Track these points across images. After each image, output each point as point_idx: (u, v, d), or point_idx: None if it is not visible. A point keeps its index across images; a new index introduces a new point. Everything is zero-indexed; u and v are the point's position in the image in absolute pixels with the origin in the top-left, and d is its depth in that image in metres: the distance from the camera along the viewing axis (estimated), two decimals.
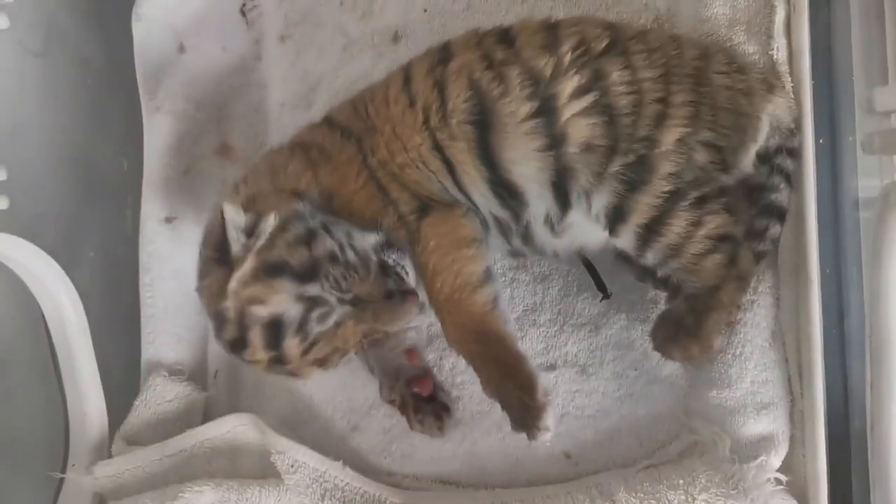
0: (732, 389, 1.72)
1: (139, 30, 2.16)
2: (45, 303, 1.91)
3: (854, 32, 1.71)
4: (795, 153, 1.68)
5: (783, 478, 1.65)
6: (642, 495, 1.65)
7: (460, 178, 1.61)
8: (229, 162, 2.13)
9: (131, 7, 2.15)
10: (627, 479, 1.70)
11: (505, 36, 1.62)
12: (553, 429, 1.52)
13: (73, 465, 1.92)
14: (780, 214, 1.69)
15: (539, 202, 1.62)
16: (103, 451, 1.95)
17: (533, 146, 1.54)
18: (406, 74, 1.65)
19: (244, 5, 2.16)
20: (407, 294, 1.55)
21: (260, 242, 1.49)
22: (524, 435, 1.53)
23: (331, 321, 1.50)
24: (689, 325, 1.64)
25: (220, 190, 1.60)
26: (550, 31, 1.59)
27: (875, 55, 1.65)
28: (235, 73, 2.18)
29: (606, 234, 1.62)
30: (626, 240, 1.60)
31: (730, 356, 1.73)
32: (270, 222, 1.50)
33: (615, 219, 1.58)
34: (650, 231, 1.57)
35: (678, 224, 1.55)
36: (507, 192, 1.62)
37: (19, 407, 1.91)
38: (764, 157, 1.65)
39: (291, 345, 1.49)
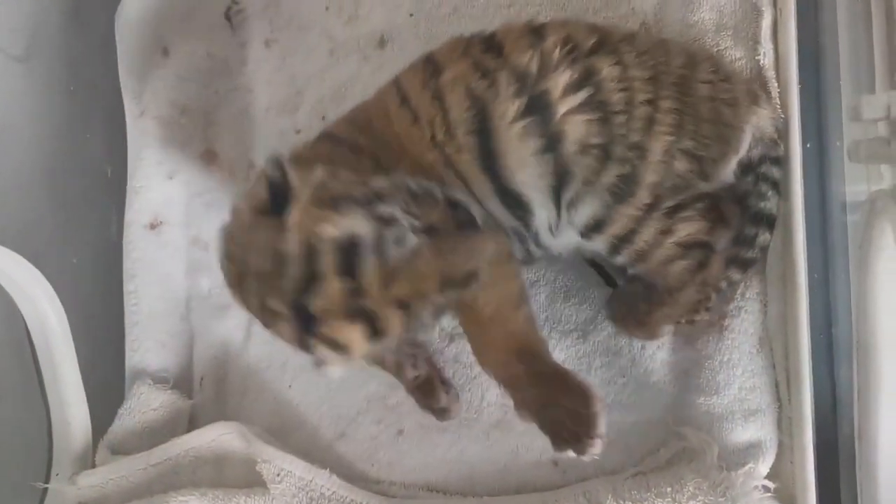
0: (720, 396, 1.71)
1: (122, 34, 2.15)
2: (27, 311, 1.89)
3: (841, 38, 1.71)
4: (781, 161, 1.67)
5: (771, 485, 1.64)
6: (630, 503, 1.64)
7: (475, 192, 1.58)
8: (215, 167, 2.12)
9: (115, 11, 2.15)
10: (615, 486, 1.69)
11: (491, 43, 1.59)
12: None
13: (57, 474, 1.90)
14: (769, 222, 1.68)
15: (542, 210, 1.60)
16: (87, 460, 1.93)
17: (529, 150, 1.51)
18: (401, 93, 1.61)
19: (229, 9, 2.15)
20: (478, 228, 1.46)
21: (293, 173, 1.33)
22: (568, 452, 1.48)
23: (408, 244, 1.32)
24: (640, 312, 1.68)
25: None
26: (536, 34, 1.57)
27: (862, 61, 1.65)
28: (221, 77, 2.17)
29: (578, 237, 1.61)
30: (597, 245, 1.60)
31: (717, 363, 1.72)
32: (319, 172, 1.36)
33: (593, 228, 1.57)
34: (623, 240, 1.56)
35: (648, 233, 1.54)
36: (514, 202, 1.59)
37: (1, 416, 1.89)
38: (747, 167, 1.64)
39: (371, 268, 1.29)
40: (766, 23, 1.77)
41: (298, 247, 1.29)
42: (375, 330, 1.33)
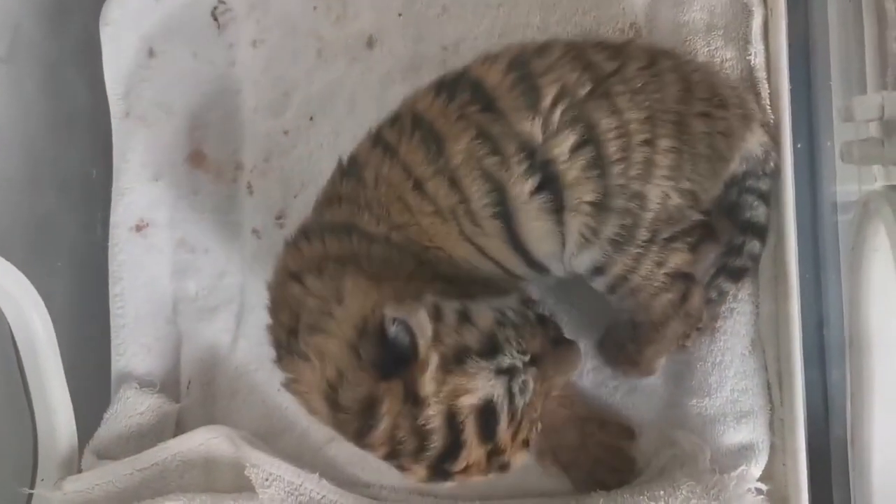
0: (712, 398, 1.72)
1: (107, 35, 2.12)
2: (11, 315, 1.86)
3: (832, 37, 1.71)
4: (768, 175, 1.68)
5: (764, 487, 1.65)
6: None
7: (507, 268, 1.59)
8: (202, 169, 2.10)
9: (99, 12, 2.12)
10: (607, 491, 1.68)
11: (481, 97, 1.53)
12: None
13: (42, 480, 1.87)
14: (756, 231, 1.68)
15: (559, 266, 1.62)
16: (73, 465, 1.90)
17: (546, 224, 1.51)
18: (407, 171, 1.54)
19: (215, 9, 2.13)
20: (569, 339, 1.52)
21: (424, 337, 1.32)
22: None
23: (529, 389, 1.38)
24: (630, 351, 1.70)
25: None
26: (526, 82, 1.51)
27: (853, 61, 1.65)
28: (207, 78, 2.14)
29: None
30: (597, 284, 1.61)
31: (709, 365, 1.73)
32: (423, 316, 1.33)
33: (594, 272, 1.57)
34: (623, 279, 1.56)
35: (645, 268, 1.55)
36: (538, 268, 1.61)
37: None
38: (731, 182, 1.65)
39: (505, 425, 1.35)
40: (757, 22, 1.78)
41: (441, 418, 1.32)
42: (502, 468, 1.40)
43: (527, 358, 1.39)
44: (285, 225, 2.00)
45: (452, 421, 1.32)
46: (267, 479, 1.75)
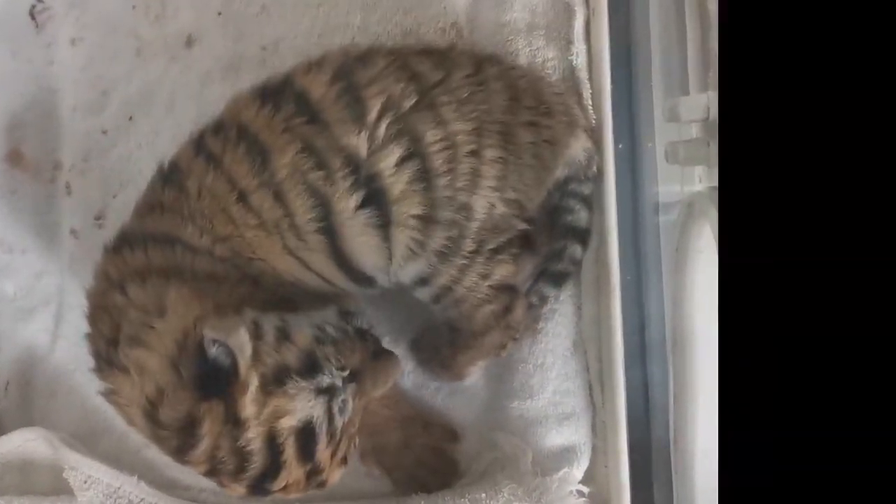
0: (534, 400, 1.72)
1: None
2: None
3: (654, 38, 1.72)
4: (590, 179, 1.69)
5: (585, 489, 1.66)
6: None
7: (331, 282, 1.58)
8: (20, 170, 2.06)
9: None
10: (429, 493, 1.68)
11: (306, 108, 1.51)
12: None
13: None
14: (577, 234, 1.69)
15: (385, 279, 1.62)
16: None
17: (372, 239, 1.51)
18: (231, 182, 1.51)
19: (33, 7, 2.09)
20: (388, 351, 1.50)
21: (244, 359, 1.31)
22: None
23: (348, 409, 1.38)
24: (444, 355, 1.70)
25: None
26: (350, 94, 1.50)
27: (675, 62, 1.65)
28: (26, 77, 2.10)
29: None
30: (421, 294, 1.61)
31: (531, 366, 1.73)
32: (243, 336, 1.32)
33: (419, 283, 1.57)
34: (447, 290, 1.57)
35: (470, 279, 1.55)
36: (364, 281, 1.61)
37: None
38: (553, 187, 1.65)
39: (324, 445, 1.35)
40: (579, 22, 1.79)
41: (261, 440, 1.31)
42: (320, 485, 1.40)
43: (346, 374, 1.37)
44: (104, 225, 1.97)
45: (272, 443, 1.31)
46: (86, 482, 1.73)
